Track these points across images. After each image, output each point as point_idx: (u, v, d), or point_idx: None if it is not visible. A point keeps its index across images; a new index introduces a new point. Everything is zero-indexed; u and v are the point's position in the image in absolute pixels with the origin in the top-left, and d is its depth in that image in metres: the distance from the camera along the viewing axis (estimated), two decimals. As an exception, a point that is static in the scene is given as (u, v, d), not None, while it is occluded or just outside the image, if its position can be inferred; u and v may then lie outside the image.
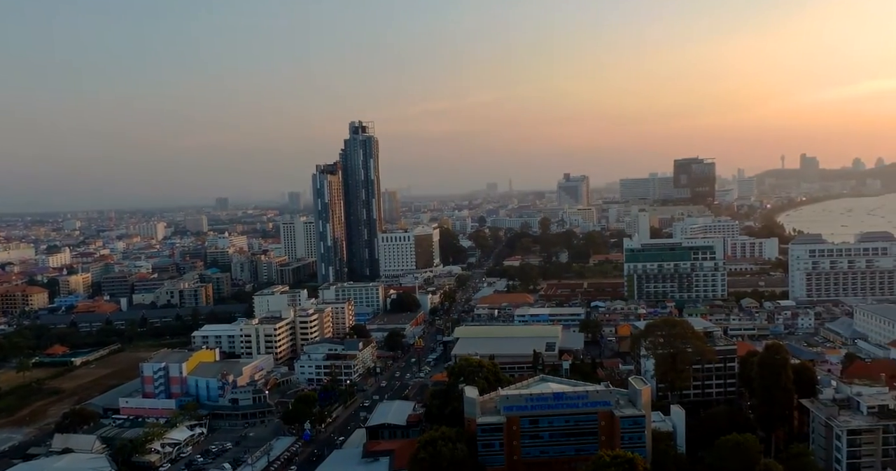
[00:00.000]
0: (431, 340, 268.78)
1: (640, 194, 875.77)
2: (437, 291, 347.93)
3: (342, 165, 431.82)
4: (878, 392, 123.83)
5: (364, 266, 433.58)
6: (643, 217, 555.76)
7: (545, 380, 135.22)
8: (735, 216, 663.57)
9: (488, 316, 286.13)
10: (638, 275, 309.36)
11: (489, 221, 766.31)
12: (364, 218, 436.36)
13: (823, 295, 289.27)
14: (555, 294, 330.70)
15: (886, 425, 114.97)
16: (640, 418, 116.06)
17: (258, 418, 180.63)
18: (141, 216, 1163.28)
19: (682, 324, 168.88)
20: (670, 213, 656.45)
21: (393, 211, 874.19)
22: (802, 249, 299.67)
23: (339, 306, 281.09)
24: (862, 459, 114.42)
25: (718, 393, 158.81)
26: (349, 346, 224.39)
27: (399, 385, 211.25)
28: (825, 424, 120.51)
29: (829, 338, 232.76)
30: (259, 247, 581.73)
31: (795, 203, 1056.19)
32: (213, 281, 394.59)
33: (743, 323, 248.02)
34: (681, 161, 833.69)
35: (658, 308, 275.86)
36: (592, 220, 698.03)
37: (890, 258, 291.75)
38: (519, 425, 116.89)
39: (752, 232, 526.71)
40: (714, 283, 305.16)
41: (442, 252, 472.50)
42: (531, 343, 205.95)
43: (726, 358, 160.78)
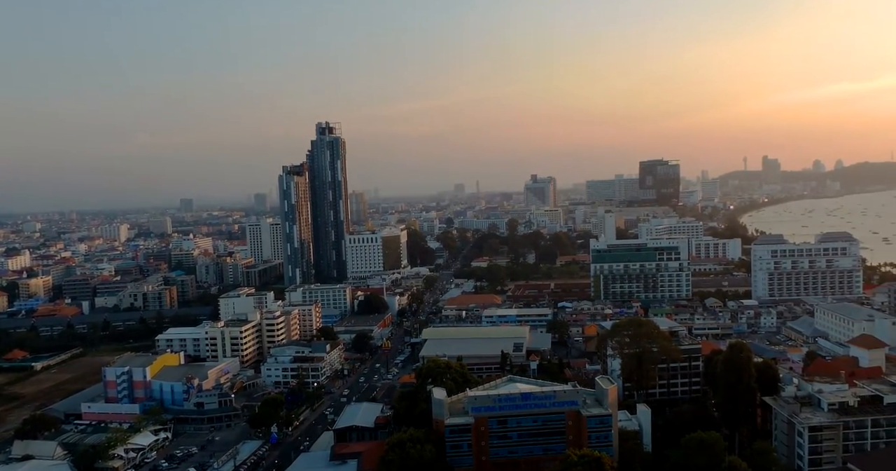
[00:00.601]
0: (399, 341, 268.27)
1: (606, 196, 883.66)
2: (404, 292, 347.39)
3: (309, 166, 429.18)
4: (839, 389, 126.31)
5: (331, 268, 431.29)
6: (609, 218, 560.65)
7: (513, 380, 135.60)
8: (699, 217, 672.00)
9: (456, 317, 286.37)
10: (604, 275, 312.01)
11: (457, 223, 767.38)
12: (331, 219, 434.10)
13: (785, 294, 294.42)
14: (522, 295, 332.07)
15: (846, 422, 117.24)
16: (607, 417, 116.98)
17: (224, 422, 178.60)
18: (103, 218, 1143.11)
19: (648, 324, 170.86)
20: (636, 214, 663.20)
21: (360, 212, 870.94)
22: (765, 250, 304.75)
23: (306, 308, 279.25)
24: (823, 455, 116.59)
25: (684, 392, 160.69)
26: (316, 348, 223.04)
27: (367, 387, 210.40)
28: (787, 421, 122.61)
29: (790, 336, 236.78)
30: (224, 249, 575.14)
31: (758, 204, 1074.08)
32: (178, 283, 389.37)
33: (707, 322, 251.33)
34: (646, 163, 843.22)
35: (624, 308, 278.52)
36: (559, 221, 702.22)
37: (849, 258, 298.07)
38: (487, 425, 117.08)
39: (716, 233, 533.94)
40: (679, 283, 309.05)
41: (410, 254, 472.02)
42: (499, 344, 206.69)
43: (691, 357, 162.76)
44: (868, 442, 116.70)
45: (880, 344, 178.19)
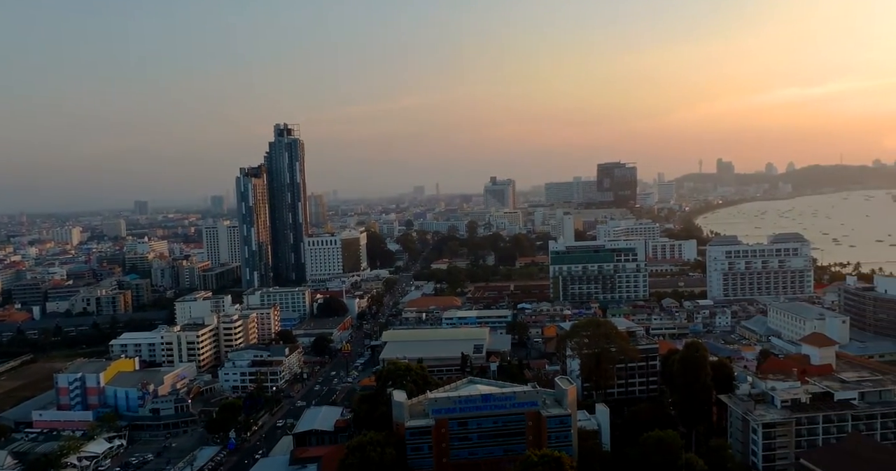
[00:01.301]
0: (359, 344, 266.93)
1: (564, 197, 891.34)
2: (364, 295, 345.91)
3: (267, 167, 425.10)
4: (791, 387, 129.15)
5: (290, 271, 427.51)
6: (568, 220, 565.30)
7: (473, 382, 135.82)
8: (656, 219, 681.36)
9: (416, 319, 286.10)
10: (563, 277, 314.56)
11: (417, 225, 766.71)
12: (290, 222, 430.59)
13: (739, 294, 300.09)
14: (482, 297, 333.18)
15: (799, 418, 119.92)
16: (567, 417, 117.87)
17: (181, 428, 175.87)
18: (55, 221, 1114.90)
19: (606, 324, 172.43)
20: (594, 216, 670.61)
21: (319, 215, 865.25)
22: (719, 251, 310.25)
23: (264, 312, 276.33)
24: (777, 451, 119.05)
25: (641, 391, 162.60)
26: (275, 352, 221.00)
27: (326, 391, 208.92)
28: (742, 418, 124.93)
29: (744, 335, 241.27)
30: (181, 252, 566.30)
31: (712, 206, 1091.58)
32: (133, 287, 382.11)
33: (664, 322, 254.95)
34: (604, 165, 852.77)
35: (583, 309, 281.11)
36: (519, 223, 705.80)
37: (800, 258, 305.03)
38: (447, 427, 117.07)
39: (672, 234, 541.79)
40: (636, 284, 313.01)
41: (369, 256, 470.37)
42: (459, 346, 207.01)
43: (648, 357, 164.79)
44: (820, 438, 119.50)
45: (831, 342, 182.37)
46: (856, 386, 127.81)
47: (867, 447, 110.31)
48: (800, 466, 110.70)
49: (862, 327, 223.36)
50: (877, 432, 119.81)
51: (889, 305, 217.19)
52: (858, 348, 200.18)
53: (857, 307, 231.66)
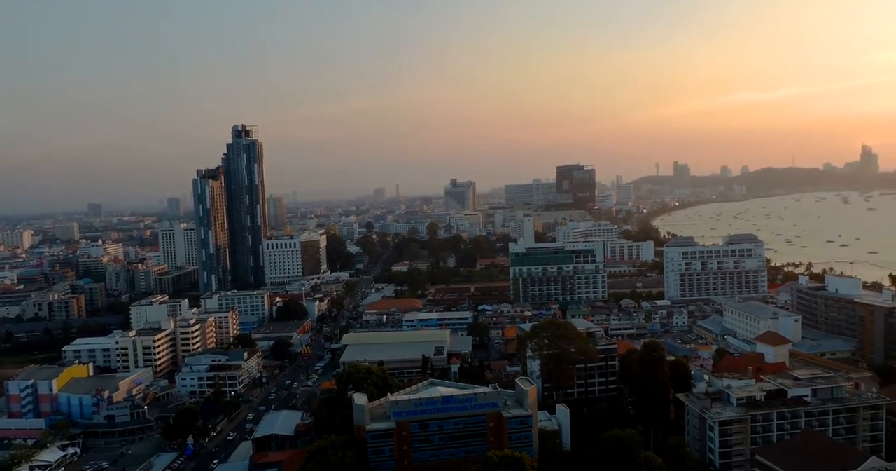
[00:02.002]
0: (319, 347, 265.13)
1: (524, 199, 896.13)
2: (324, 297, 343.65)
3: (224, 169, 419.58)
4: (746, 385, 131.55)
5: (249, 274, 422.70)
6: (528, 222, 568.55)
7: (434, 384, 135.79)
8: (614, 221, 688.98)
9: (377, 322, 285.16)
10: (523, 278, 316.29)
11: (377, 227, 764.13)
12: (248, 224, 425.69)
13: (696, 294, 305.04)
14: (443, 298, 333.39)
15: (754, 415, 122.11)
16: (527, 417, 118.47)
17: (137, 435, 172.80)
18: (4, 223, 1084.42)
19: (566, 325, 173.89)
20: (553, 217, 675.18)
21: (278, 217, 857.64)
22: (676, 252, 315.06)
23: (222, 316, 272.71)
24: (733, 448, 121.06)
25: (601, 390, 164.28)
26: (233, 356, 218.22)
27: (286, 395, 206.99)
28: (699, 416, 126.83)
29: (701, 335, 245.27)
30: (136, 255, 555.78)
31: (669, 208, 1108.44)
32: (86, 292, 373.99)
33: (622, 323, 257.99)
34: (563, 167, 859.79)
35: (543, 310, 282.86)
36: (479, 225, 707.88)
37: (754, 259, 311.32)
38: (409, 429, 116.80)
39: (630, 236, 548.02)
40: (595, 284, 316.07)
41: (329, 258, 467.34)
42: (420, 348, 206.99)
43: (607, 357, 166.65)
44: (774, 434, 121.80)
45: (784, 340, 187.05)
46: (808, 383, 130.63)
47: (820, 443, 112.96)
48: (755, 462, 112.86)
49: (814, 326, 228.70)
50: (829, 427, 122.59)
51: (839, 304, 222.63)
52: (811, 346, 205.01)
53: (809, 306, 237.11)
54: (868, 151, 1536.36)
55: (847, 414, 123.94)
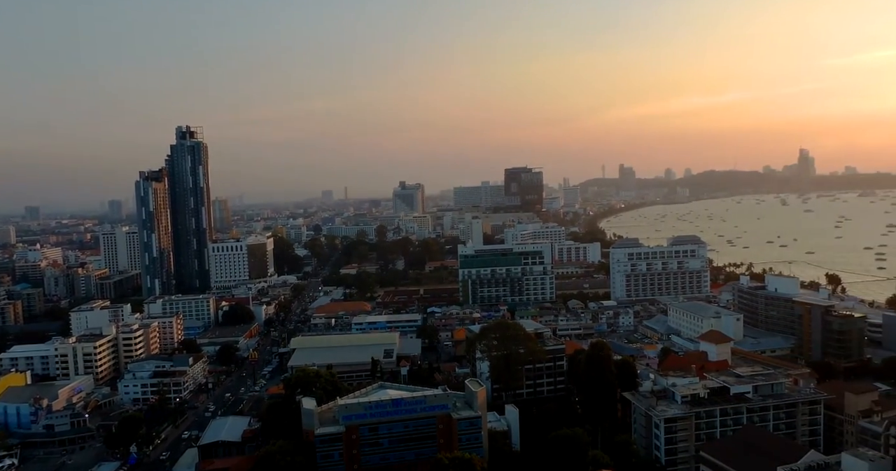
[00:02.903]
0: (267, 352, 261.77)
1: (473, 202, 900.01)
2: (271, 301, 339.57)
3: (168, 171, 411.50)
4: (690, 382, 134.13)
5: (193, 278, 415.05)
6: (476, 224, 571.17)
7: (384, 387, 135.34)
8: (561, 222, 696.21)
9: (325, 325, 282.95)
10: (472, 280, 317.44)
11: (325, 230, 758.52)
12: (193, 227, 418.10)
13: (641, 295, 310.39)
14: (392, 301, 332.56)
15: (698, 412, 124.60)
16: (477, 419, 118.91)
17: (78, 445, 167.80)
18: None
19: (515, 326, 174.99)
20: (502, 219, 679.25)
21: (224, 220, 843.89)
22: (622, 253, 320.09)
23: (166, 321, 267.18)
24: (678, 444, 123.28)
25: (549, 391, 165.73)
26: (178, 362, 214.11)
27: (233, 400, 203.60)
28: (645, 414, 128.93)
29: (647, 334, 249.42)
30: (76, 259, 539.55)
31: (615, 210, 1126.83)
32: (23, 297, 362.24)
33: (570, 323, 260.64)
34: (511, 170, 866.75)
35: (492, 312, 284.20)
36: (428, 227, 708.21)
37: (697, 260, 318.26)
38: (358, 433, 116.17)
39: (577, 237, 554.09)
40: (543, 286, 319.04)
41: (276, 261, 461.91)
42: (369, 351, 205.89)
43: (556, 357, 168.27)
44: (717, 430, 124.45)
45: (726, 339, 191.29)
46: (750, 380, 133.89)
47: (761, 438, 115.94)
48: (700, 458, 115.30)
49: (754, 324, 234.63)
50: (769, 422, 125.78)
51: (779, 303, 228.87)
52: (752, 344, 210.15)
53: (750, 305, 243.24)
54: (805, 155, 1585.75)
55: (787, 409, 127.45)
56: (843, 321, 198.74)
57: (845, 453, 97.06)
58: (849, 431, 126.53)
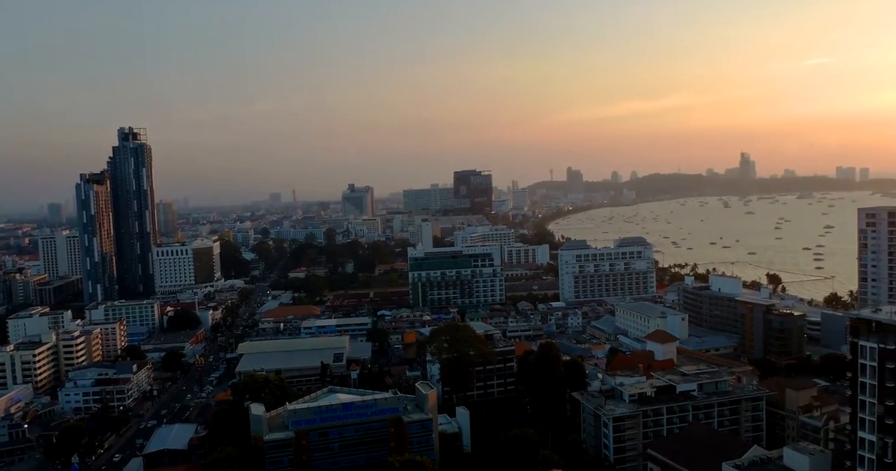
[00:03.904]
0: (214, 357, 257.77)
1: (422, 205, 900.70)
2: (218, 306, 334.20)
3: (110, 174, 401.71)
4: (637, 382, 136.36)
5: (137, 283, 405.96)
6: (426, 227, 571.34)
7: (334, 391, 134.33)
8: (510, 225, 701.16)
9: (274, 330, 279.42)
10: (422, 283, 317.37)
11: (273, 233, 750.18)
12: (136, 231, 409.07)
13: (589, 295, 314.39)
14: (342, 305, 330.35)
15: (645, 411, 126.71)
16: (428, 421, 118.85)
17: (16, 456, 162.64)
18: None
19: (465, 328, 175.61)
20: (451, 222, 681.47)
21: (169, 223, 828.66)
22: (570, 255, 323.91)
23: (109, 327, 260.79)
24: (626, 442, 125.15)
25: (500, 392, 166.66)
26: (122, 369, 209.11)
27: (179, 407, 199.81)
28: (594, 413, 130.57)
29: (595, 335, 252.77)
30: (13, 264, 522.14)
31: (563, 212, 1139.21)
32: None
33: (520, 325, 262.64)
34: (460, 173, 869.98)
35: (442, 314, 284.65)
36: (377, 230, 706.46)
37: (643, 261, 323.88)
38: (308, 438, 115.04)
39: (526, 239, 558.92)
40: (493, 288, 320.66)
41: (223, 265, 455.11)
42: (319, 355, 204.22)
43: (506, 358, 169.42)
44: (664, 428, 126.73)
45: (672, 338, 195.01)
46: (695, 378, 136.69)
47: (706, 434, 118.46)
48: (647, 455, 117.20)
49: (699, 324, 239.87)
50: (714, 419, 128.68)
51: (722, 303, 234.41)
52: (696, 343, 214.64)
53: (695, 305, 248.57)
54: (746, 158, 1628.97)
55: (730, 406, 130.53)
56: (784, 320, 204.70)
57: (787, 448, 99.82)
58: (790, 426, 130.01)
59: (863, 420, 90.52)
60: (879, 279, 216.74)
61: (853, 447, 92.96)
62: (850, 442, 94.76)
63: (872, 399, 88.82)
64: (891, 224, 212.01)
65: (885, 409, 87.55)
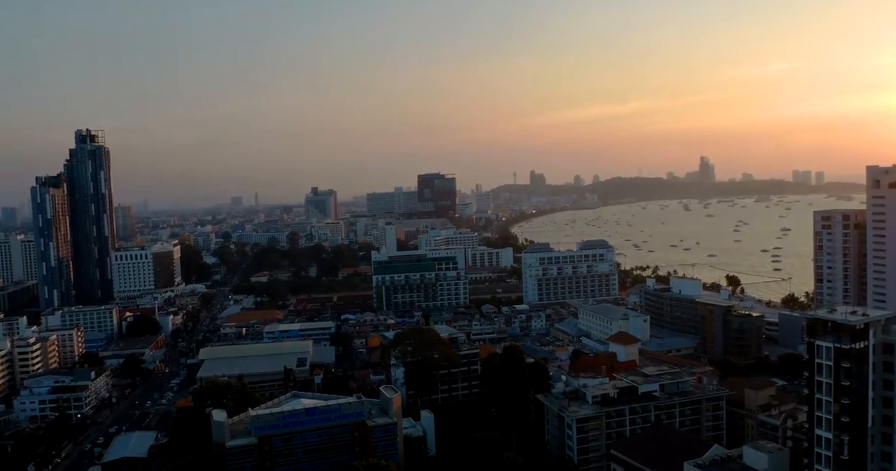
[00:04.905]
0: (174, 363, 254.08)
1: (386, 208, 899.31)
2: (179, 311, 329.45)
3: (67, 177, 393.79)
4: (601, 383, 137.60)
5: (95, 288, 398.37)
6: (390, 230, 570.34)
7: (297, 396, 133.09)
8: (474, 228, 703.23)
9: (236, 335, 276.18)
10: (386, 286, 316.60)
11: (235, 237, 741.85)
12: (94, 235, 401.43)
13: (553, 298, 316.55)
14: (305, 309, 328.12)
15: (608, 412, 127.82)
16: (392, 425, 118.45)
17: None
18: None
19: (429, 332, 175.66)
20: (415, 225, 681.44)
21: (128, 227, 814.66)
22: (534, 257, 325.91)
23: (66, 333, 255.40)
24: (590, 444, 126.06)
25: (464, 395, 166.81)
26: (79, 376, 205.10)
27: (139, 415, 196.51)
28: (558, 415, 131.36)
29: (558, 337, 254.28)
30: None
31: (527, 215, 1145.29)
32: None
33: (484, 328, 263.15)
34: (424, 176, 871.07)
35: (406, 318, 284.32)
36: (341, 233, 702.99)
37: (606, 263, 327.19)
38: (271, 444, 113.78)
39: (490, 243, 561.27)
40: (457, 291, 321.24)
41: (184, 270, 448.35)
42: (282, 360, 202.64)
43: (470, 361, 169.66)
44: (627, 429, 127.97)
45: (634, 340, 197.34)
46: (657, 379, 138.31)
47: (668, 435, 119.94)
48: (611, 456, 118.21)
49: (661, 325, 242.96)
50: (676, 419, 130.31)
51: (683, 304, 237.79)
52: (658, 344, 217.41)
53: (656, 307, 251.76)
54: (706, 162, 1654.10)
55: (692, 406, 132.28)
56: (743, 320, 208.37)
57: (746, 447, 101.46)
58: (749, 425, 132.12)
59: (819, 418, 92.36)
60: (835, 280, 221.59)
61: (810, 445, 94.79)
62: (807, 440, 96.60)
63: (829, 398, 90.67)
64: (845, 226, 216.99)
65: (840, 407, 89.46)
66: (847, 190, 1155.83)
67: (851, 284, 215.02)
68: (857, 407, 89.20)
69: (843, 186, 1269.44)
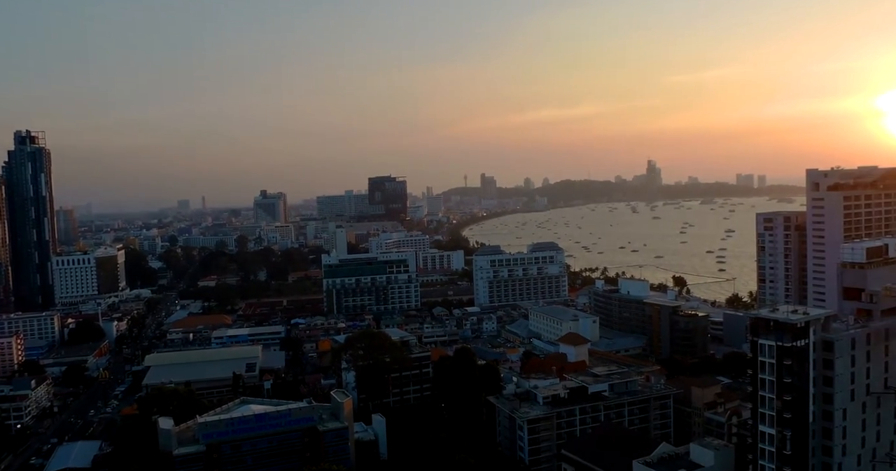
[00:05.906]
0: (119, 371, 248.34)
1: (337, 211, 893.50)
2: (123, 317, 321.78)
3: (5, 179, 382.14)
4: (551, 384, 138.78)
5: (35, 294, 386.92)
6: (340, 233, 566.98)
7: (246, 402, 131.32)
8: (426, 231, 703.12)
9: (183, 340, 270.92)
10: (337, 290, 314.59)
11: (181, 241, 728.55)
12: (34, 239, 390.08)
13: (504, 300, 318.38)
14: (254, 313, 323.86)
15: (559, 412, 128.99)
16: (343, 430, 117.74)
17: None
18: None
19: (380, 335, 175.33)
20: (366, 228, 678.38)
21: (70, 231, 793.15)
22: (485, 260, 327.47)
23: (4, 341, 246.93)
24: (541, 444, 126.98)
25: (416, 398, 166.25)
26: (18, 385, 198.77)
27: (82, 424, 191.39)
28: (509, 416, 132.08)
29: (509, 339, 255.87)
30: None
31: (478, 218, 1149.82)
32: None
33: (435, 330, 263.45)
34: (375, 179, 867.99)
35: (357, 321, 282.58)
36: (291, 237, 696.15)
37: (556, 265, 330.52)
38: (220, 451, 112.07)
39: (441, 245, 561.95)
40: (409, 294, 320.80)
41: (129, 275, 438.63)
42: (230, 365, 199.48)
43: (421, 364, 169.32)
44: (577, 429, 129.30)
45: (584, 340, 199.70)
46: (606, 379, 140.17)
47: (617, 434, 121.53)
48: (561, 456, 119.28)
49: (609, 325, 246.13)
50: (625, 418, 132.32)
51: (631, 305, 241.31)
52: (607, 344, 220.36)
53: (605, 308, 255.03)
54: (653, 166, 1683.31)
55: (640, 405, 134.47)
56: (689, 320, 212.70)
57: (693, 444, 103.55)
58: (696, 422, 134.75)
59: (763, 415, 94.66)
60: (776, 280, 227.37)
61: (754, 441, 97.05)
62: (751, 436, 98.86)
63: (771, 395, 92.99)
64: (786, 228, 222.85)
65: (783, 403, 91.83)
66: (788, 193, 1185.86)
67: (792, 284, 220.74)
68: (798, 403, 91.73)
69: (785, 189, 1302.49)
